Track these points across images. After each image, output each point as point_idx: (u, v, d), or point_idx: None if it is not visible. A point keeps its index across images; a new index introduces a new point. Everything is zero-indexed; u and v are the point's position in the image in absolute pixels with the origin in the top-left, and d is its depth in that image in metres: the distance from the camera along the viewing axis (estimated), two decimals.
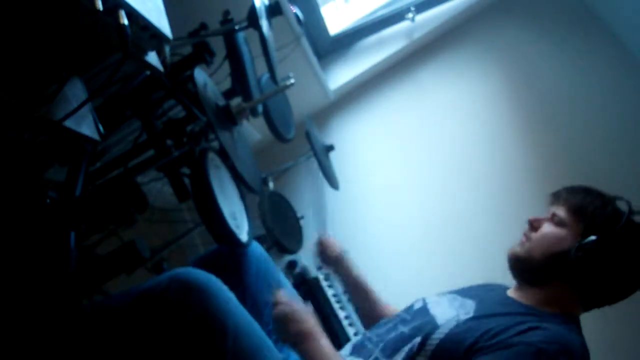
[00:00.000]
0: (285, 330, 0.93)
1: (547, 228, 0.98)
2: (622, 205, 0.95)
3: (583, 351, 0.86)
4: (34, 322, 0.83)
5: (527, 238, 1.00)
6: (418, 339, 0.91)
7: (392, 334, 0.97)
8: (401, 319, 1.01)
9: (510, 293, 1.02)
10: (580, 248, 0.91)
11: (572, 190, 1.01)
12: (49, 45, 0.79)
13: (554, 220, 0.98)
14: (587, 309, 0.97)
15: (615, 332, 1.71)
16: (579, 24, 2.15)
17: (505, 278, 1.06)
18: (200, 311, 0.85)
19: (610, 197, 0.98)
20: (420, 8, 2.35)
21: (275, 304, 0.97)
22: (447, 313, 0.95)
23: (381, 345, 0.96)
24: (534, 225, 1.00)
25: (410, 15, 2.31)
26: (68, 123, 0.83)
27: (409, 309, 1.05)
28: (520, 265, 1.00)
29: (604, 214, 0.94)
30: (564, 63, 2.14)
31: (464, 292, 1.05)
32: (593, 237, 0.91)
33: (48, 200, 0.85)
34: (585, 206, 0.95)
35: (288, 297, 0.98)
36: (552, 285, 0.95)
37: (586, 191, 0.99)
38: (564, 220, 0.96)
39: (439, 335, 0.89)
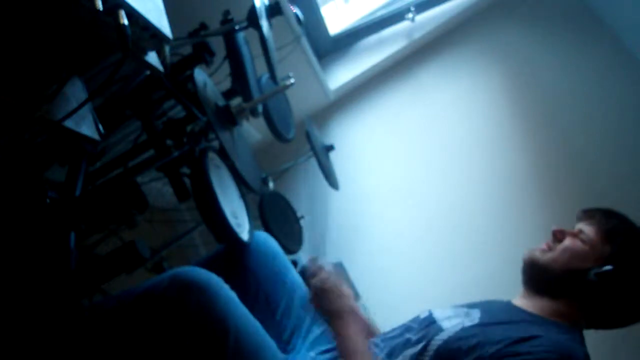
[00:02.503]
0: (326, 304, 0.93)
1: (571, 242, 0.97)
2: None
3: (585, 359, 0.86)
4: (34, 322, 0.83)
5: (550, 247, 1.00)
6: (423, 343, 0.91)
7: (398, 340, 0.97)
8: (407, 327, 1.01)
9: (516, 302, 1.02)
10: (599, 273, 0.91)
11: (607, 214, 1.00)
12: (48, 45, 0.79)
13: (580, 236, 0.97)
14: (588, 328, 0.98)
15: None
16: (579, 24, 2.15)
17: (503, 278, 1.06)
18: (201, 311, 0.85)
19: (637, 227, 0.97)
20: (420, 8, 2.35)
21: (314, 272, 0.96)
22: (453, 320, 0.95)
23: (387, 350, 0.97)
24: (557, 236, 1.00)
25: (410, 15, 2.31)
26: (68, 123, 0.83)
27: (414, 319, 1.05)
28: (536, 272, 0.99)
29: (632, 247, 0.94)
30: (564, 63, 2.14)
31: (469, 305, 1.04)
32: (609, 267, 0.91)
33: (48, 200, 0.85)
34: (617, 233, 0.95)
35: (331, 268, 0.98)
36: (561, 300, 0.96)
37: (621, 219, 0.99)
38: (592, 239, 0.95)
39: (442, 336, 0.90)
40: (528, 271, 1.01)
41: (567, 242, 0.97)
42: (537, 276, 0.99)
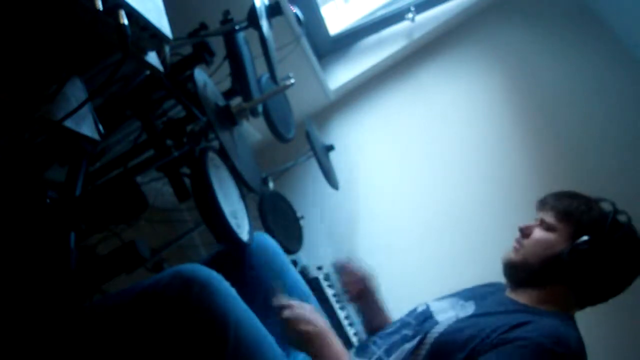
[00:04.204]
0: (294, 332, 0.92)
1: (538, 234, 1.01)
2: (607, 206, 0.99)
3: (579, 344, 0.88)
4: (34, 322, 0.83)
5: (520, 245, 1.03)
6: (419, 336, 0.93)
7: (396, 337, 0.99)
8: (404, 322, 1.03)
9: (509, 293, 1.04)
10: (574, 250, 0.94)
11: (557, 196, 1.04)
12: (48, 45, 0.79)
13: (543, 225, 1.01)
14: (583, 306, 1.00)
15: (612, 334, 1.72)
16: (579, 24, 2.15)
17: (502, 277, 1.07)
18: (202, 305, 0.85)
19: (594, 199, 1.02)
20: (420, 8, 2.35)
21: (281, 307, 0.95)
22: (448, 313, 0.98)
23: (385, 347, 0.99)
24: (524, 232, 1.04)
25: (410, 15, 2.31)
26: (68, 123, 0.83)
27: (411, 312, 1.07)
28: (516, 271, 1.03)
29: (591, 216, 0.98)
30: (564, 63, 2.14)
31: (465, 294, 1.07)
32: (585, 237, 0.94)
33: (48, 200, 0.85)
34: (572, 210, 0.99)
35: (291, 300, 0.97)
36: (551, 287, 0.98)
37: (571, 196, 1.03)
38: (553, 225, 0.99)
39: (438, 329, 0.92)
40: (508, 272, 1.04)
41: (535, 234, 1.01)
42: (517, 274, 1.03)
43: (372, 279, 1.21)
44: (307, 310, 0.94)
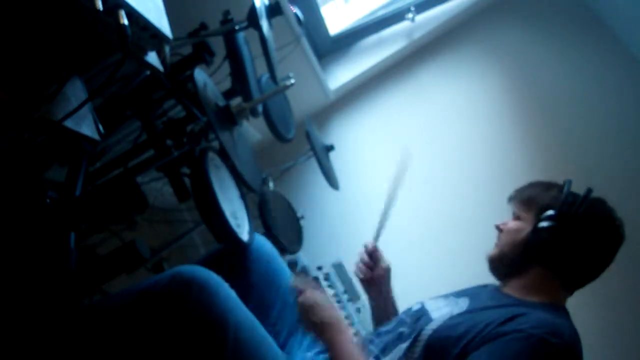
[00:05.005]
0: (312, 317, 0.95)
1: (509, 225, 1.07)
2: (565, 186, 1.03)
3: (573, 335, 0.88)
4: (34, 322, 0.83)
5: (498, 240, 1.08)
6: (414, 335, 0.94)
7: (392, 335, 1.00)
8: (400, 320, 1.04)
9: (500, 289, 1.06)
10: (538, 226, 0.98)
11: (519, 189, 1.11)
12: (48, 45, 0.79)
13: (514, 217, 1.07)
14: (571, 290, 1.02)
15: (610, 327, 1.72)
16: (580, 24, 2.15)
17: None
18: (202, 307, 0.86)
19: (553, 183, 1.06)
20: (420, 8, 2.35)
21: (299, 291, 0.99)
22: (442, 310, 0.99)
23: (381, 345, 0.99)
24: (500, 228, 1.09)
25: (410, 15, 2.31)
26: (68, 123, 0.83)
27: (407, 311, 1.08)
28: (498, 265, 1.06)
29: (549, 195, 1.02)
30: (564, 63, 2.14)
31: (459, 293, 1.09)
32: (547, 213, 0.97)
33: (48, 200, 0.85)
34: (532, 196, 1.05)
35: (309, 284, 1.01)
36: (531, 272, 1.00)
37: (531, 184, 1.10)
38: (519, 213, 1.05)
39: (432, 326, 0.93)
40: (491, 268, 1.08)
41: (507, 226, 1.07)
42: (499, 268, 1.06)
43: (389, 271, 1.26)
44: (324, 299, 0.98)
